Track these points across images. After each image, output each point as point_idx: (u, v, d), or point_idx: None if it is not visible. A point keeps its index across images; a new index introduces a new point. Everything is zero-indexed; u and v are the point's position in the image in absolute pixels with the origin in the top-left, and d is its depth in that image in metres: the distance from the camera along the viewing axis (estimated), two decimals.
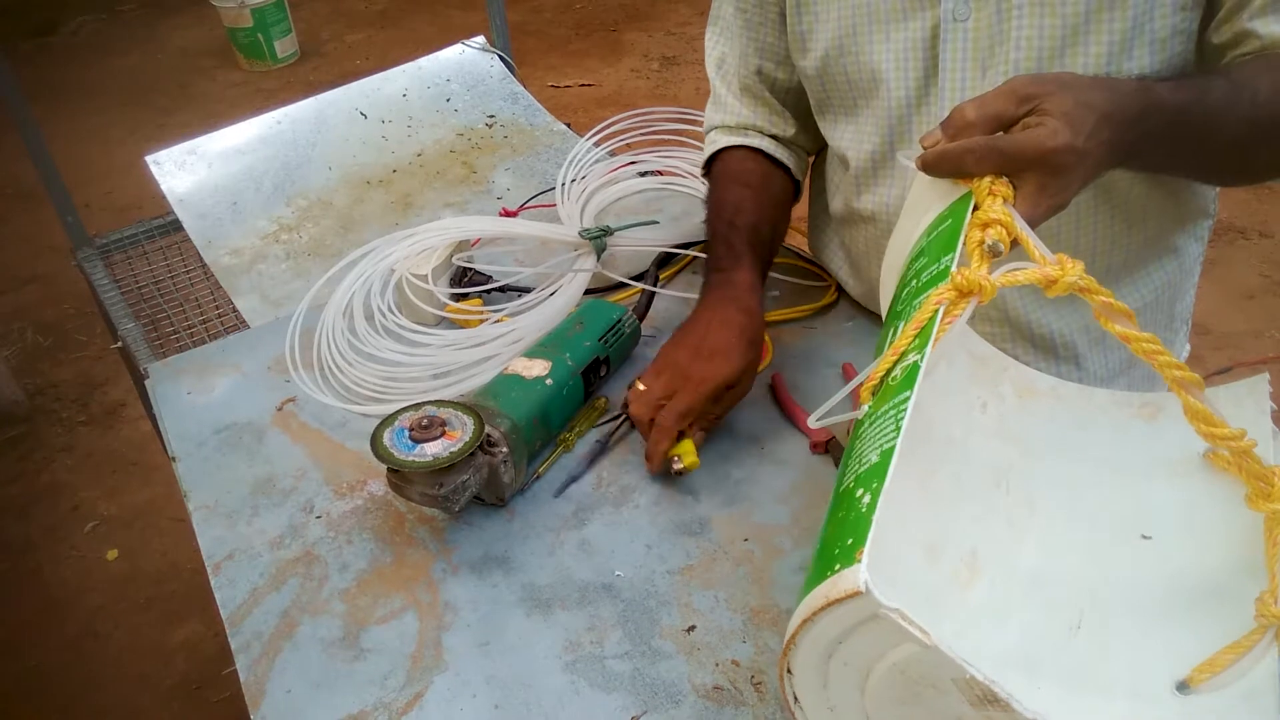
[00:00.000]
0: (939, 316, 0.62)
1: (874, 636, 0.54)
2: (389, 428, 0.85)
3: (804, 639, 0.56)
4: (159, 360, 1.15)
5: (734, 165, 1.08)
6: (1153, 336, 0.62)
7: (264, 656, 0.79)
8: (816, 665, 0.58)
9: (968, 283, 0.62)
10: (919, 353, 0.61)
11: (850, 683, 0.58)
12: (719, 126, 1.11)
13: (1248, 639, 0.61)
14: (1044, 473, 0.76)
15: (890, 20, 0.89)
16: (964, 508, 0.73)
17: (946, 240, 0.67)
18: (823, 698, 0.60)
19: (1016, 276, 0.63)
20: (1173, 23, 0.81)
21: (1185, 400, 0.63)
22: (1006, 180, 0.66)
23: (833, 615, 0.53)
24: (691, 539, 0.86)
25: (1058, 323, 0.96)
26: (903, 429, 0.57)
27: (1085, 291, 0.63)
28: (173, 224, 1.45)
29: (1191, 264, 1.00)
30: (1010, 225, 0.64)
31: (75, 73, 4.18)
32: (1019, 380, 0.80)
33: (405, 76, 1.64)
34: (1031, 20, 0.82)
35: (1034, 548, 0.72)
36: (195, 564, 0.90)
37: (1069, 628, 0.67)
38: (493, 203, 1.42)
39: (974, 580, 0.69)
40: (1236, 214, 2.84)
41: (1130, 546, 0.71)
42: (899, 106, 0.91)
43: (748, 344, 0.92)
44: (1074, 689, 0.63)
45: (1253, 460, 0.64)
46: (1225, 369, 2.29)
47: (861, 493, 0.57)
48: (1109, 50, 0.81)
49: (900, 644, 0.53)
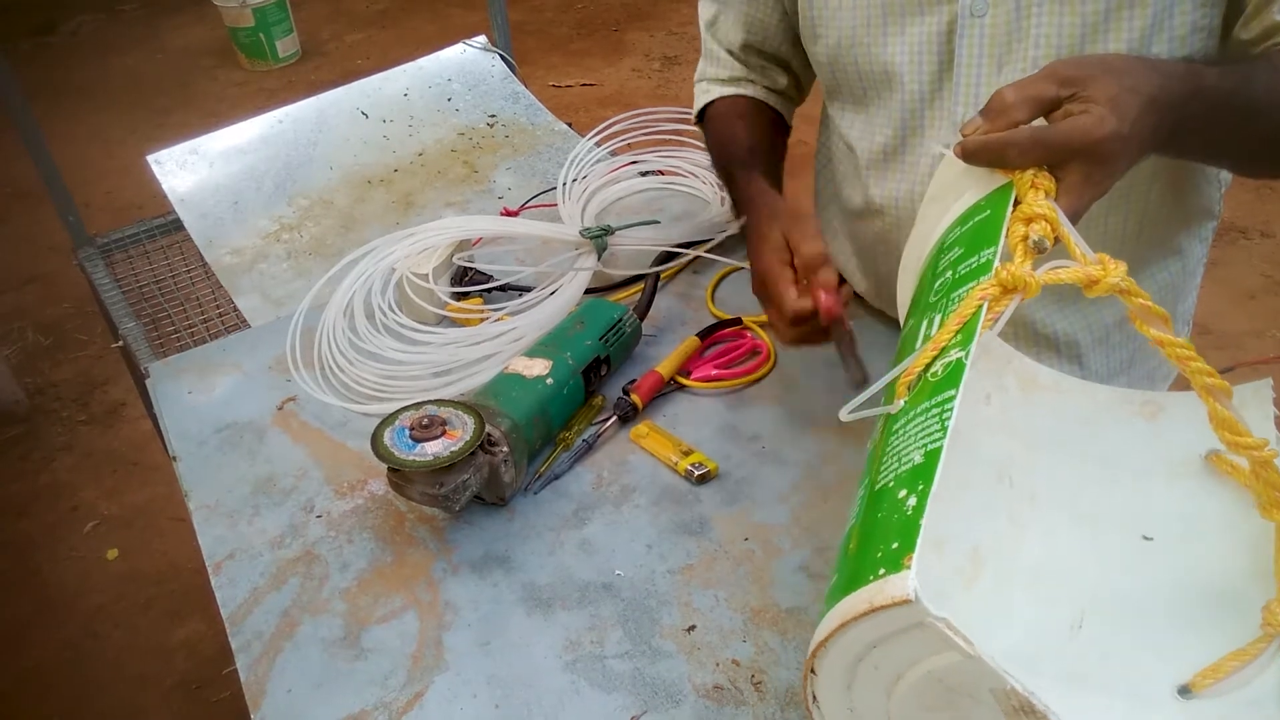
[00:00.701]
0: (984, 312, 0.60)
1: (914, 643, 0.53)
2: (389, 427, 0.85)
3: (836, 642, 0.55)
4: (160, 359, 1.15)
5: (724, 107, 1.11)
6: (1187, 342, 0.61)
7: (264, 656, 0.79)
8: (845, 668, 0.57)
9: (1013, 279, 0.60)
10: (963, 349, 0.59)
11: (878, 686, 0.57)
12: (711, 79, 1.13)
13: (1253, 646, 0.60)
14: (1046, 467, 0.75)
15: (905, 14, 0.88)
16: (967, 502, 0.73)
17: (986, 233, 0.65)
18: (844, 699, 0.59)
19: (1060, 275, 0.61)
20: (1193, 19, 0.81)
21: (1212, 407, 0.62)
22: (1048, 173, 0.65)
23: (873, 621, 0.52)
24: (692, 538, 0.86)
25: (1061, 322, 0.95)
26: (949, 429, 0.56)
27: (1125, 294, 0.61)
28: (174, 223, 1.45)
29: (1195, 265, 1.00)
30: (1055, 221, 0.62)
31: (75, 72, 4.18)
32: (1022, 372, 0.79)
33: (406, 76, 1.64)
34: (1051, 18, 0.82)
35: (1036, 544, 0.71)
36: (195, 564, 0.90)
37: (1070, 627, 0.67)
38: (494, 202, 1.42)
39: (977, 576, 0.69)
40: (1238, 214, 2.84)
41: (1132, 547, 0.70)
42: (912, 100, 0.91)
43: None
44: (1075, 689, 0.63)
45: (1273, 470, 0.63)
46: (1226, 369, 2.28)
47: (905, 494, 0.55)
48: (1128, 47, 0.81)
49: (941, 652, 0.51)
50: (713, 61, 1.13)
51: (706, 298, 1.14)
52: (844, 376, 0.88)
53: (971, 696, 0.53)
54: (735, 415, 0.99)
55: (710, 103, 1.13)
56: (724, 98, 1.11)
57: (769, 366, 1.04)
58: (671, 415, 0.99)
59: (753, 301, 1.10)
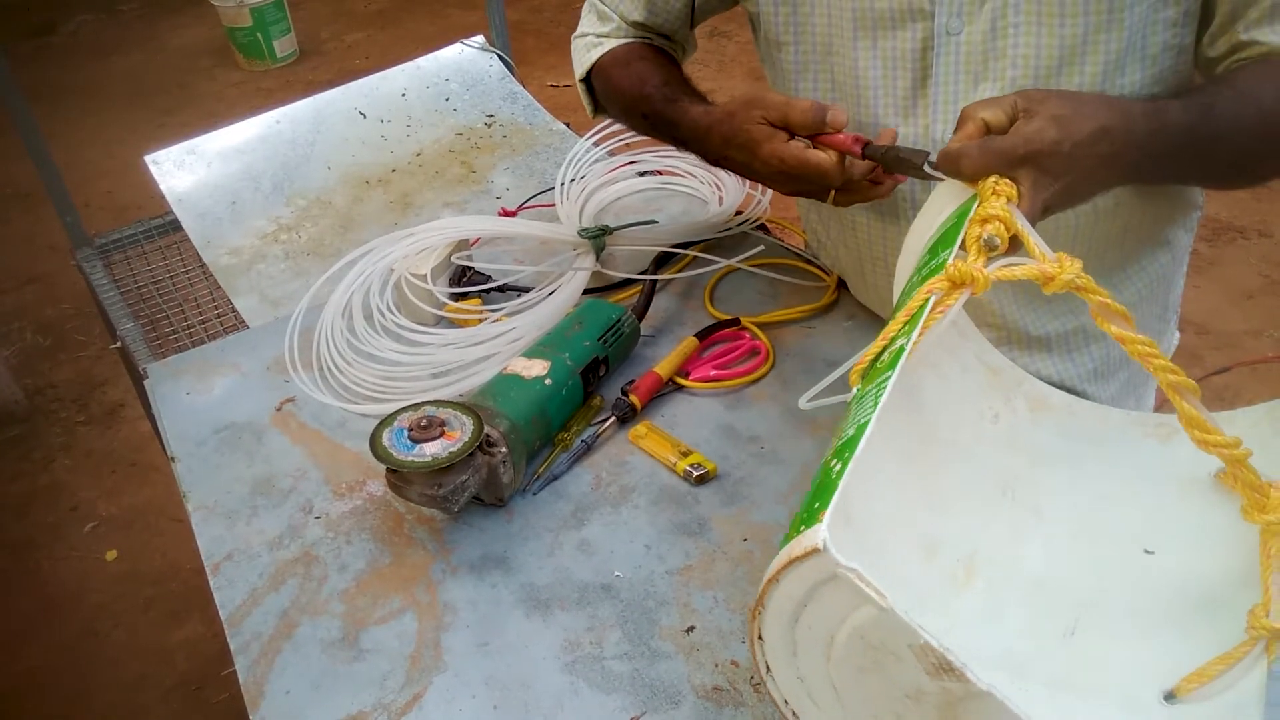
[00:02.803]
0: (929, 305, 0.63)
1: (835, 598, 0.54)
2: (388, 428, 0.85)
3: (770, 600, 0.57)
4: (158, 360, 1.15)
5: (619, 53, 1.06)
6: (1148, 340, 0.63)
7: (263, 657, 0.79)
8: (784, 631, 0.59)
9: (959, 274, 0.63)
10: (906, 337, 0.62)
11: (817, 651, 0.58)
12: (597, 34, 1.09)
13: (1238, 650, 0.60)
14: (1052, 484, 0.76)
15: (879, 28, 0.88)
16: (968, 511, 0.73)
17: (949, 237, 0.68)
18: (792, 666, 0.60)
19: (1013, 271, 0.64)
20: (1164, 39, 0.83)
21: (1180, 405, 0.64)
22: (1010, 181, 0.68)
23: (795, 573, 0.54)
24: (691, 539, 0.86)
25: (1053, 324, 0.96)
26: (880, 403, 0.58)
27: (1082, 290, 0.63)
28: (172, 224, 1.45)
29: (1182, 254, 1.02)
30: (1009, 221, 0.66)
31: (75, 73, 4.18)
32: (1033, 394, 0.80)
33: (404, 76, 1.64)
34: (1028, 38, 0.83)
35: (1037, 554, 0.72)
36: (194, 564, 0.90)
37: (1064, 633, 0.67)
38: (492, 202, 1.42)
39: (970, 581, 0.69)
40: (1236, 214, 2.84)
41: (1132, 558, 0.71)
42: (884, 114, 0.91)
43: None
44: (1061, 692, 0.63)
45: (1248, 470, 0.64)
46: (1225, 369, 2.29)
47: (835, 462, 0.58)
48: (1104, 68, 0.82)
49: (860, 607, 0.53)
50: (602, 20, 1.08)
51: (705, 298, 1.14)
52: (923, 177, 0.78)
53: (895, 655, 0.54)
54: (734, 416, 0.99)
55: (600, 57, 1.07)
56: (615, 48, 1.07)
57: (768, 367, 1.04)
58: (670, 416, 0.99)
59: (752, 302, 1.10)
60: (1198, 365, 2.29)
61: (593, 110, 1.14)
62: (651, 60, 1.04)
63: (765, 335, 1.07)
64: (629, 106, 1.04)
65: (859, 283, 1.09)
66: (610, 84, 1.06)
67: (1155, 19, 0.81)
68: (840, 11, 0.90)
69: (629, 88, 1.02)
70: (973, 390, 0.79)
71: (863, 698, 0.58)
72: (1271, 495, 0.63)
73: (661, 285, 1.16)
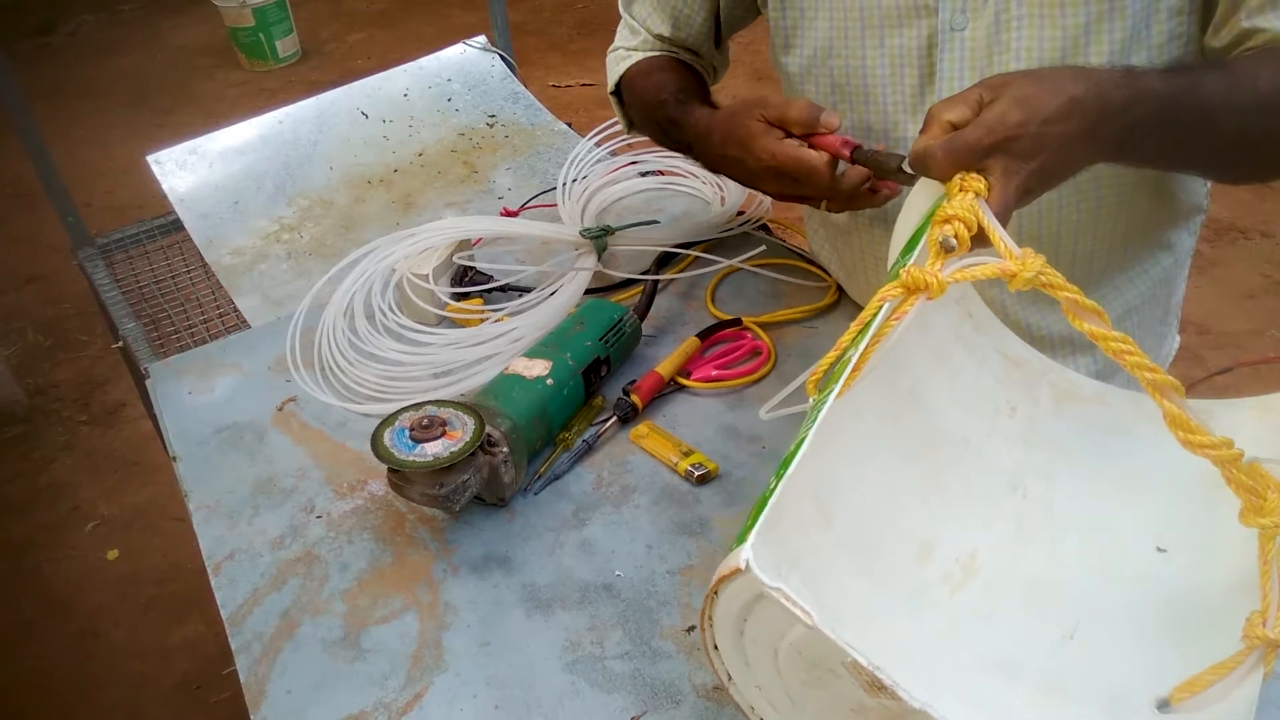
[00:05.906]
0: (881, 314, 0.62)
1: (769, 614, 0.54)
2: (389, 427, 0.85)
3: (715, 613, 0.57)
4: (160, 360, 1.15)
5: (644, 65, 1.09)
6: (1124, 336, 0.61)
7: (264, 657, 0.79)
8: (734, 641, 0.58)
9: (913, 280, 0.62)
10: (855, 348, 0.61)
11: (766, 663, 0.58)
12: (629, 48, 1.12)
13: (1233, 659, 0.59)
14: (1068, 478, 0.74)
15: (884, 26, 0.88)
16: (971, 510, 0.73)
17: (914, 241, 0.67)
18: (749, 675, 0.60)
19: (972, 272, 0.62)
20: (1169, 28, 0.82)
21: (1163, 405, 0.61)
22: (978, 175, 0.66)
23: (728, 590, 0.54)
24: (691, 539, 0.86)
25: (1058, 325, 0.96)
26: (818, 421, 0.58)
27: (1048, 287, 0.61)
28: (174, 223, 1.45)
29: (1184, 256, 1.01)
30: (969, 220, 0.63)
31: (75, 73, 4.18)
32: (1060, 384, 0.79)
33: (406, 76, 1.64)
34: (1031, 31, 0.82)
35: (1043, 553, 0.71)
36: (195, 564, 0.90)
37: (1061, 636, 0.66)
38: (494, 202, 1.42)
39: (966, 582, 0.69)
40: (1237, 214, 2.84)
41: (1142, 559, 0.69)
42: (893, 112, 0.91)
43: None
44: (1052, 696, 0.62)
45: (1240, 472, 0.61)
46: (1225, 369, 2.29)
47: (772, 480, 0.58)
48: (1110, 59, 0.82)
49: (793, 625, 0.52)
50: (633, 34, 1.11)
51: (706, 298, 1.14)
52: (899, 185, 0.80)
53: (833, 671, 0.53)
54: (735, 416, 0.99)
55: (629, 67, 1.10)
56: (641, 60, 1.10)
57: (769, 367, 1.04)
58: (671, 416, 0.99)
59: (754, 302, 1.10)
60: (1199, 365, 2.29)
61: (627, 125, 1.17)
62: (673, 70, 1.07)
63: (767, 335, 1.07)
64: (648, 114, 1.07)
65: (858, 284, 1.09)
66: (634, 93, 1.09)
67: (1157, 7, 0.81)
68: (845, 12, 0.90)
69: (649, 96, 1.05)
70: (988, 384, 0.77)
71: (815, 710, 0.58)
72: (1269, 498, 0.60)
73: (663, 285, 1.16)
